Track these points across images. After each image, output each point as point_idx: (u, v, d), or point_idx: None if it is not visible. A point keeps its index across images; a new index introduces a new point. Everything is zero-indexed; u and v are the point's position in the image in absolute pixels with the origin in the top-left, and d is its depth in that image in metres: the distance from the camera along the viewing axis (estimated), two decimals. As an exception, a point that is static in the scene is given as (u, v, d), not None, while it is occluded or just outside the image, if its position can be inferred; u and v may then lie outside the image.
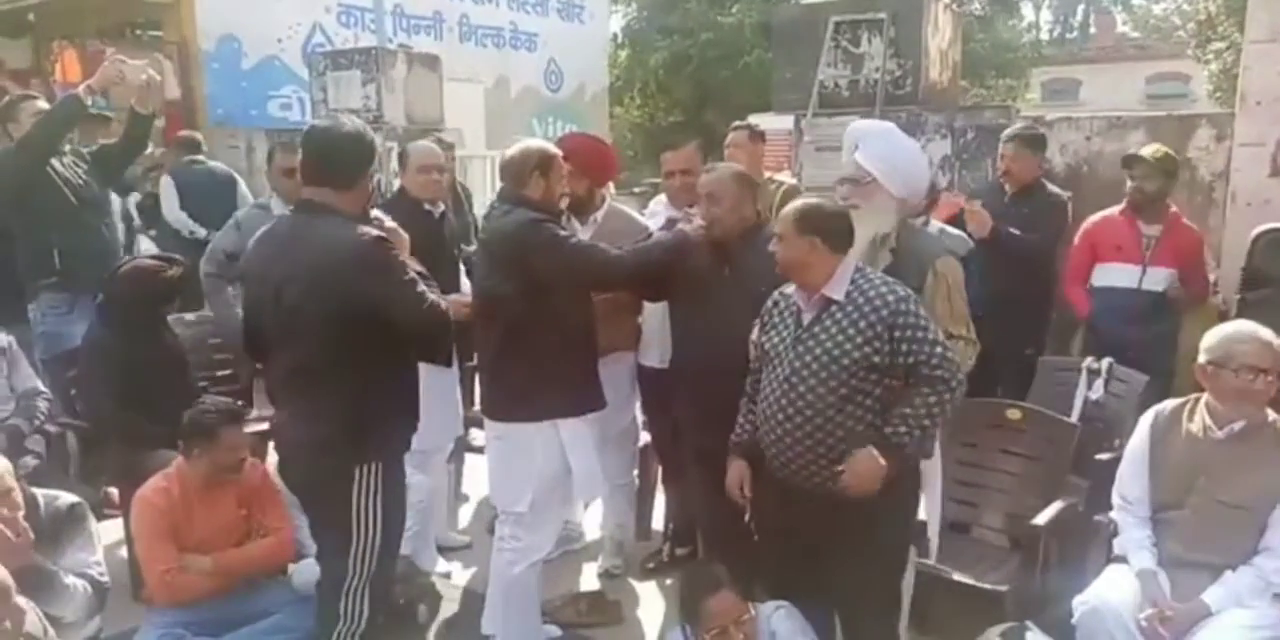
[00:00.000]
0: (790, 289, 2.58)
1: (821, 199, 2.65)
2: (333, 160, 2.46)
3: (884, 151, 2.82)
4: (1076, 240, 4.24)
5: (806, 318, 2.51)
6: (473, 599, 3.64)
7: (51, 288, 4.17)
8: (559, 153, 3.01)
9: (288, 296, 2.40)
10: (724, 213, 3.00)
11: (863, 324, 2.40)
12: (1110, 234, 4.08)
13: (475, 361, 4.04)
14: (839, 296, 2.45)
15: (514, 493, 2.98)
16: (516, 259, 2.83)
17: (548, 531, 3.07)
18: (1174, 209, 4.06)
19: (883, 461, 2.37)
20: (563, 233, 2.86)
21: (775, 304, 2.64)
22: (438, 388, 3.61)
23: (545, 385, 2.88)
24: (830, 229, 2.47)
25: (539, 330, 2.85)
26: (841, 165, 2.93)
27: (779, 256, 2.53)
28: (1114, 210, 4.14)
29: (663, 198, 3.83)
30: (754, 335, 2.69)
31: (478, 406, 4.68)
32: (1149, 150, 4.05)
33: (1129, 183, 4.03)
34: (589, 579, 3.83)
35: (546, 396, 2.90)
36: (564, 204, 3.15)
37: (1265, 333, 2.64)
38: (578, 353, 2.97)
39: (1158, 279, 3.97)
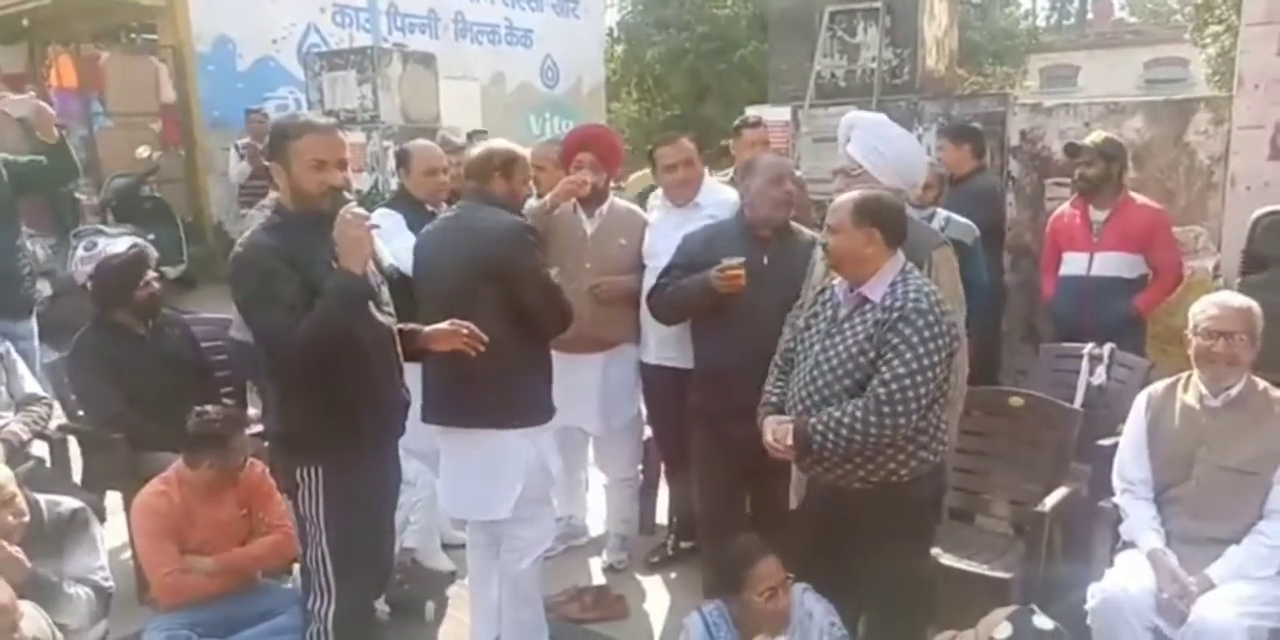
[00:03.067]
0: (837, 281, 2.57)
1: (879, 190, 2.62)
2: None
3: (873, 143, 2.86)
4: (1047, 231, 4.35)
5: (841, 312, 2.50)
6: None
7: None
8: (524, 156, 2.99)
9: None
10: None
11: (879, 327, 2.39)
12: (1066, 223, 4.18)
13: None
14: (875, 298, 2.44)
15: (493, 501, 2.90)
16: (497, 258, 2.77)
17: (547, 524, 3.07)
18: (1129, 193, 4.08)
19: (789, 440, 2.42)
20: (542, 259, 2.87)
21: (823, 291, 2.63)
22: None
23: (524, 390, 2.85)
24: (889, 222, 2.45)
25: (519, 328, 2.78)
26: (838, 157, 2.96)
27: (831, 248, 2.49)
28: (1070, 200, 4.24)
29: (660, 193, 3.80)
30: (799, 318, 2.69)
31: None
32: (1089, 137, 4.12)
33: (1076, 171, 4.11)
34: (594, 574, 3.83)
35: (527, 402, 2.87)
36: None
37: (1231, 298, 2.71)
38: (542, 358, 2.95)
39: (1107, 264, 3.99)
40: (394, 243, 3.20)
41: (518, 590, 2.99)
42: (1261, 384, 2.70)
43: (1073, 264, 4.10)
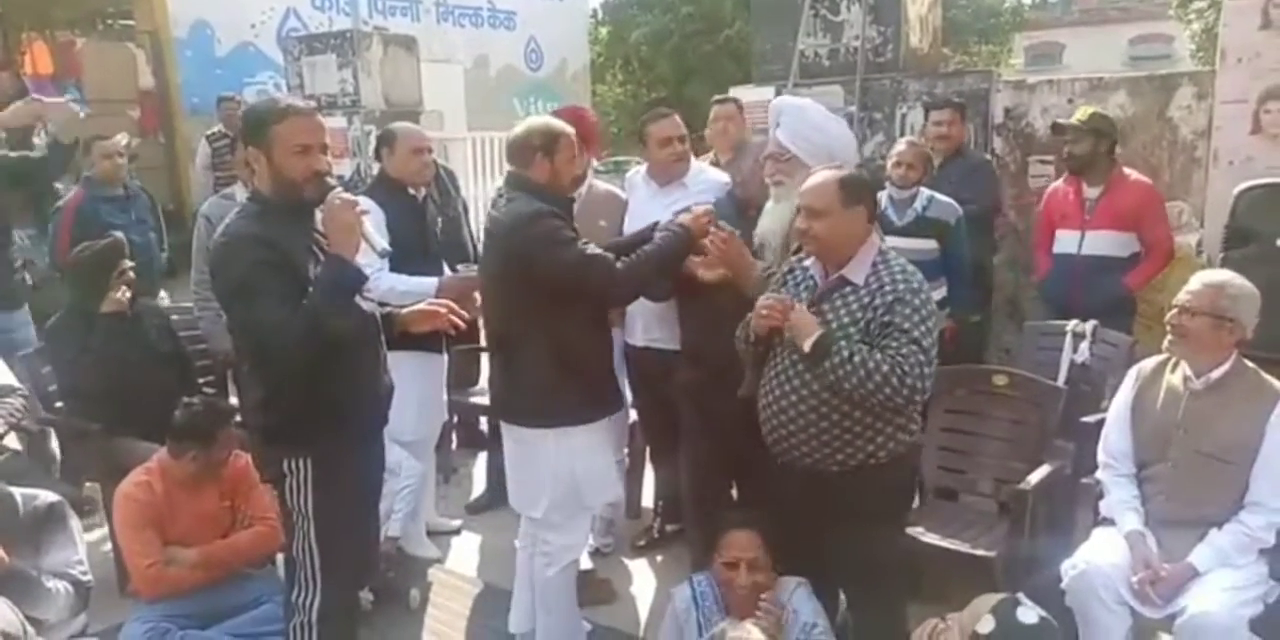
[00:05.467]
0: (809, 262, 2.52)
1: (850, 169, 2.59)
2: None
3: (801, 128, 2.83)
4: (1040, 208, 4.29)
5: (817, 293, 2.47)
6: (465, 582, 3.64)
7: None
8: (567, 130, 2.78)
9: None
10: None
11: (868, 311, 2.36)
12: (1059, 201, 4.12)
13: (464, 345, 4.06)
14: (858, 280, 2.40)
15: (529, 498, 2.85)
16: (516, 254, 2.65)
17: (579, 533, 2.94)
18: (1122, 169, 4.02)
19: (808, 344, 2.32)
20: (565, 233, 2.62)
21: (791, 271, 2.58)
22: (423, 376, 3.57)
23: (556, 391, 2.70)
24: (870, 197, 2.42)
25: (545, 332, 2.66)
26: (769, 143, 2.91)
27: (817, 233, 2.40)
28: (1064, 177, 4.19)
29: (641, 171, 3.76)
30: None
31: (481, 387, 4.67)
32: (1076, 114, 4.07)
33: (1064, 149, 4.07)
34: (580, 558, 3.81)
35: (558, 403, 2.71)
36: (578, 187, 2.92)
37: (1211, 275, 2.68)
38: (590, 354, 2.76)
39: (1098, 242, 3.94)
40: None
41: (546, 597, 2.92)
42: (1251, 369, 2.65)
43: (1064, 242, 4.05)
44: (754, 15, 6.41)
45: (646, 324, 3.51)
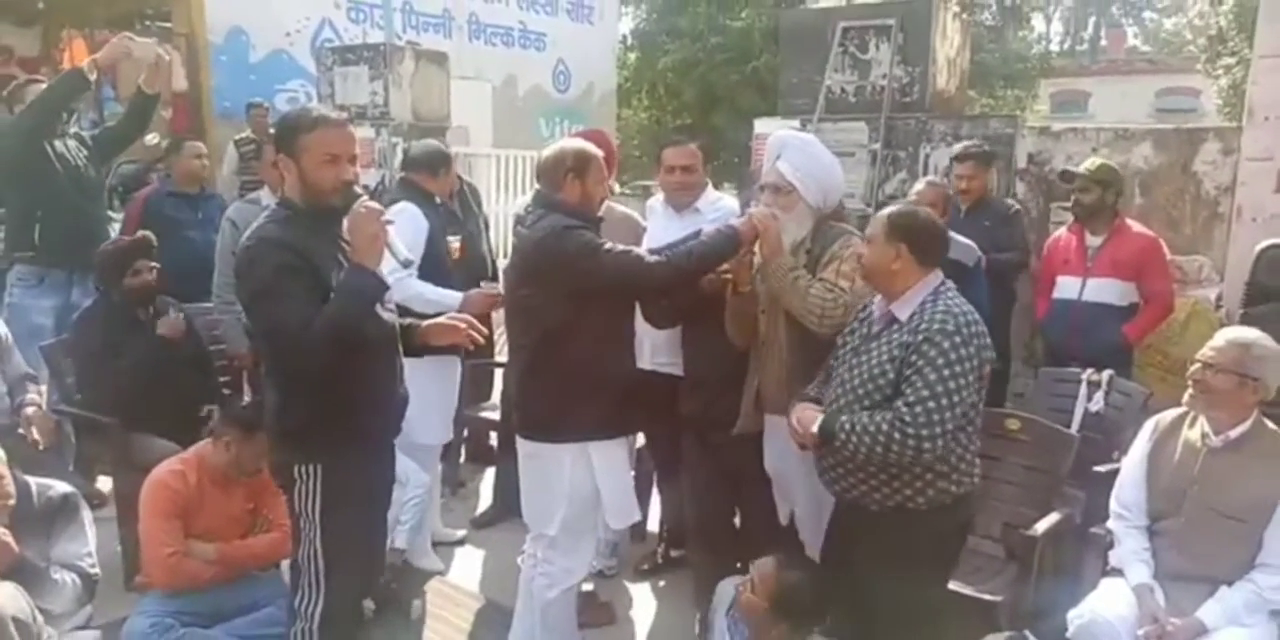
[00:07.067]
0: (878, 297, 2.53)
1: (919, 207, 2.63)
2: None
3: (804, 163, 2.84)
4: (1044, 254, 4.32)
5: (874, 329, 2.48)
6: (467, 596, 3.63)
7: (26, 261, 4.27)
8: (598, 153, 2.83)
9: None
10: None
11: (903, 349, 2.35)
12: (1062, 247, 4.18)
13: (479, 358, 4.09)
14: (902, 317, 2.41)
15: (543, 514, 2.84)
16: (547, 269, 2.67)
17: (582, 555, 2.91)
18: (1125, 220, 4.08)
19: (814, 427, 2.39)
20: (597, 240, 2.66)
21: (863, 308, 2.59)
22: (435, 384, 3.59)
23: (575, 406, 2.71)
24: (921, 239, 2.42)
25: (570, 346, 2.67)
26: (765, 173, 2.92)
27: (864, 259, 2.48)
28: (1068, 225, 4.24)
29: (660, 197, 3.80)
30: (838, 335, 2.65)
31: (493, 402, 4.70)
32: (1085, 164, 4.12)
33: (1072, 197, 4.11)
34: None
35: (576, 418, 2.72)
36: (602, 208, 2.94)
37: (1238, 333, 2.67)
38: (612, 370, 2.75)
39: (1098, 290, 3.99)
40: (407, 236, 3.17)
41: (546, 619, 2.90)
42: (1270, 430, 2.63)
43: (1065, 288, 4.10)
44: (783, 48, 6.48)
45: (654, 347, 3.51)
